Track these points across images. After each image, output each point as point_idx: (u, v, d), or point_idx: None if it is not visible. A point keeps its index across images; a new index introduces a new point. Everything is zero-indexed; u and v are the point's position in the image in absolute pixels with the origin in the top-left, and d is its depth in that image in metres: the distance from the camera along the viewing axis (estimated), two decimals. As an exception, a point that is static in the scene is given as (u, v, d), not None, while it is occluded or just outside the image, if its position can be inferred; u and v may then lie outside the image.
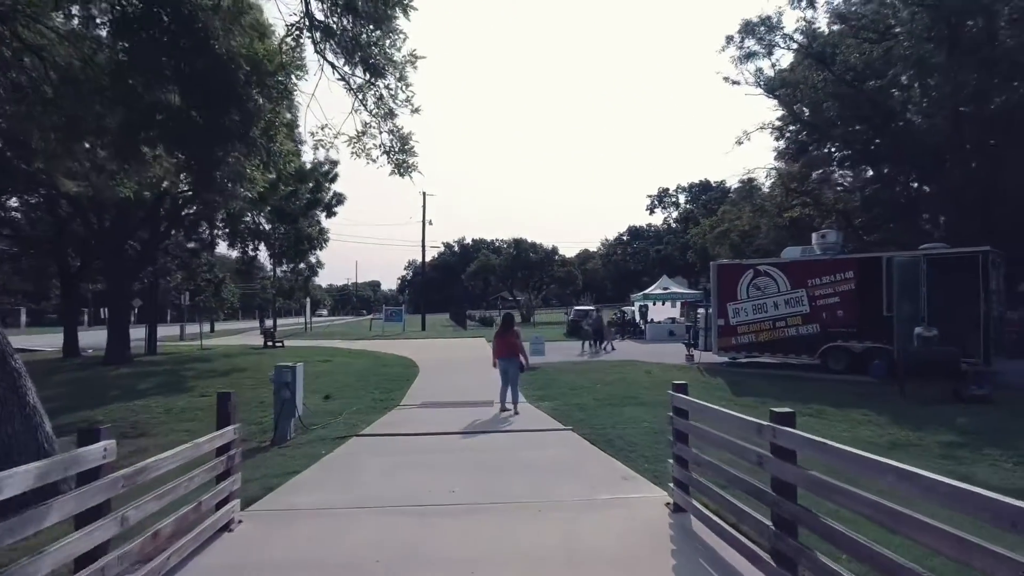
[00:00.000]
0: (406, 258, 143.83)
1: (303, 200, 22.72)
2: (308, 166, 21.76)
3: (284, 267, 32.02)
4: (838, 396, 11.71)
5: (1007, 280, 14.45)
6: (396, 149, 6.39)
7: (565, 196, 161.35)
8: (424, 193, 48.23)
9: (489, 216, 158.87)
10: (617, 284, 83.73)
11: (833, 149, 23.78)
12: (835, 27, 20.56)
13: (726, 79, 23.75)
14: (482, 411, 10.51)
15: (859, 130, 20.13)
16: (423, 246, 49.06)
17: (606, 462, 6.95)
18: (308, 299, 38.54)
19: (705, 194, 73.09)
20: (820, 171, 21.43)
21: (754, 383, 13.58)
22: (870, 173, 24.02)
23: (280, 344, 26.96)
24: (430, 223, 48.07)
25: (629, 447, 7.57)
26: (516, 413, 10.04)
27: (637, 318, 31.08)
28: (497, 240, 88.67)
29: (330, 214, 28.13)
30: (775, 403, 11.04)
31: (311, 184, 22.82)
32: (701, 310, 17.90)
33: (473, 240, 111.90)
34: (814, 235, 15.65)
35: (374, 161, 6.50)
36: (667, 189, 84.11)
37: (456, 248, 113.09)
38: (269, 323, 44.25)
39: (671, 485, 5.25)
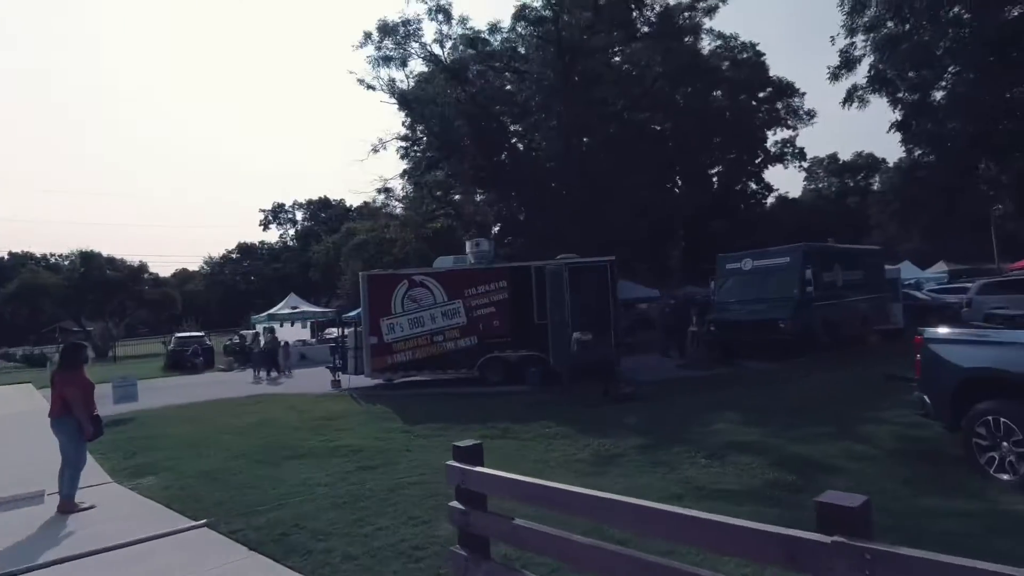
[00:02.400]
0: None
1: None
2: None
3: None
4: (512, 410, 11.02)
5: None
6: None
7: (159, 204, 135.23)
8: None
9: (45, 224, 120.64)
10: (226, 306, 74.11)
11: (441, 171, 24.73)
12: (463, 50, 21.51)
13: (360, 81, 22.43)
14: (26, 517, 5.98)
15: (486, 151, 21.41)
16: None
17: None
18: None
19: (325, 211, 71.27)
20: (461, 188, 22.00)
21: (422, 406, 12.00)
22: (479, 197, 26.21)
23: None
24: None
25: (320, 540, 4.76)
26: (66, 511, 6.00)
27: (262, 342, 26.68)
28: (53, 254, 68.47)
29: None
30: (459, 428, 9.58)
31: None
32: (349, 329, 15.65)
33: (10, 253, 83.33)
34: (468, 243, 15.27)
35: None
36: (283, 205, 79.02)
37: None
38: None
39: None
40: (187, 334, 29.97)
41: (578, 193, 19.60)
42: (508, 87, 22.72)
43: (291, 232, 78.34)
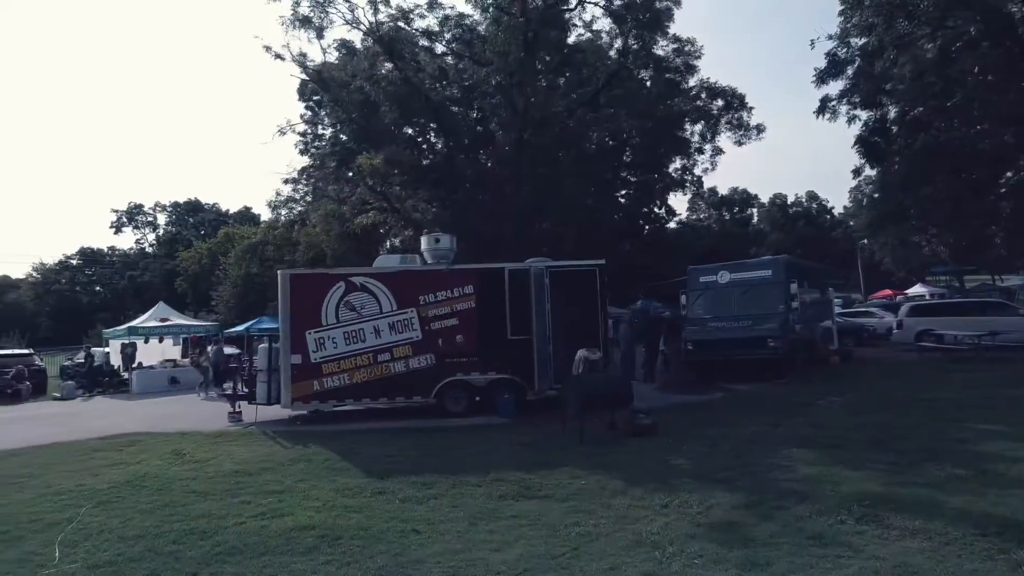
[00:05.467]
0: None
1: None
2: None
3: None
4: (504, 452, 8.33)
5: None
6: None
7: None
8: None
9: None
10: (61, 320, 62.80)
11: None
12: (395, 25, 18.61)
13: (267, 49, 18.65)
14: None
15: (418, 142, 18.59)
16: None
17: None
18: None
19: (195, 215, 63.20)
20: (407, 174, 18.38)
21: (374, 446, 8.91)
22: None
23: None
24: None
25: None
26: None
27: (116, 363, 21.37)
28: None
29: None
30: (452, 481, 6.74)
31: None
32: (264, 345, 11.99)
33: None
34: (424, 238, 12.31)
35: None
36: (141, 206, 69.13)
37: None
38: None
39: None
40: (8, 352, 23.51)
41: (523, 194, 17.39)
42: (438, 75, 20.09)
43: (151, 237, 68.70)
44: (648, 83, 20.95)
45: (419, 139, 20.30)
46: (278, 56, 18.63)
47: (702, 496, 5.93)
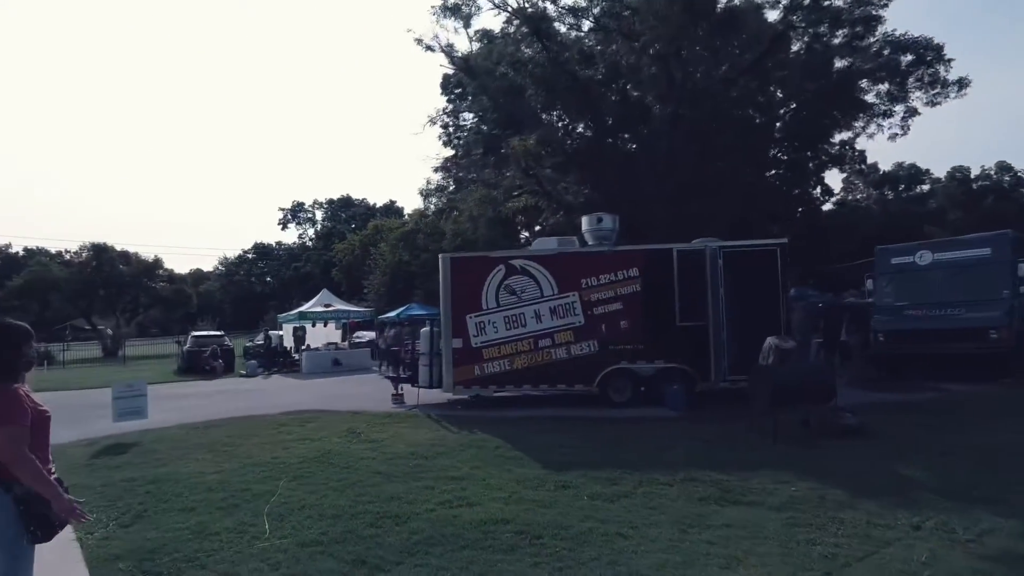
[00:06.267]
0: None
1: None
2: None
3: None
4: (687, 450, 7.55)
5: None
6: None
7: (174, 201, 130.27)
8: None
9: (57, 219, 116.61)
10: (239, 307, 71.22)
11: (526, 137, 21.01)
12: (546, 4, 18.30)
13: (419, 42, 19.23)
14: None
15: (560, 126, 18.13)
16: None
17: None
18: None
19: (346, 210, 68.28)
20: (557, 157, 18.07)
21: (540, 436, 8.56)
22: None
23: None
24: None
25: None
26: None
27: (288, 344, 23.42)
28: (67, 251, 65.81)
29: None
30: (637, 478, 6.15)
31: None
32: (425, 329, 12.21)
33: (26, 249, 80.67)
34: (585, 219, 11.84)
35: None
36: (302, 203, 76.11)
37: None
38: None
39: None
40: (205, 333, 26.73)
41: (677, 174, 16.24)
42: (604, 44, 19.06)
43: (311, 232, 75.48)
44: (819, 43, 18.61)
45: (560, 122, 19.79)
46: (428, 48, 19.21)
47: (965, 518, 4.82)
